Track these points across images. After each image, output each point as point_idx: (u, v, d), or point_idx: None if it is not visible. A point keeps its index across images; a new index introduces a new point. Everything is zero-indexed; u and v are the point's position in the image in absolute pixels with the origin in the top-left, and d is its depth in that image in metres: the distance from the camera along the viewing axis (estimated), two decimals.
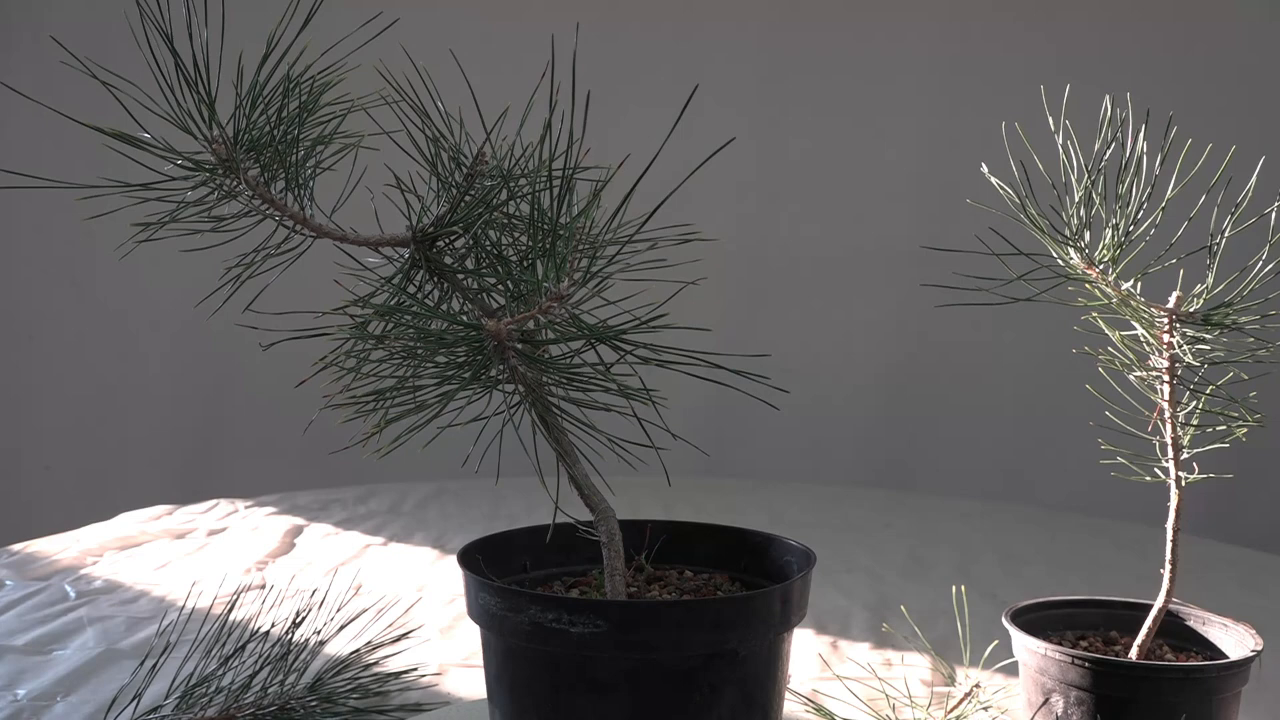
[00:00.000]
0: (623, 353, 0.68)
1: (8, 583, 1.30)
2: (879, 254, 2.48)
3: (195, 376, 2.65)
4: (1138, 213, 0.78)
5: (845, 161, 2.51)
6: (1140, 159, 0.78)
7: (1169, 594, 0.83)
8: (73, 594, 1.27)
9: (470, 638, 1.16)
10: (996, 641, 0.92)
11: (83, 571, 1.36)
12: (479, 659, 0.82)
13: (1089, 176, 0.79)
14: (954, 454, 2.51)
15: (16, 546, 1.46)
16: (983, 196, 0.81)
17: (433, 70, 0.74)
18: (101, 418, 2.69)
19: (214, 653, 0.94)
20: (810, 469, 2.48)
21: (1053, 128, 0.79)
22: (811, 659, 1.12)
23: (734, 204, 2.45)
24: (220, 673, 0.91)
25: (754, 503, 1.79)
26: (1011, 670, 0.89)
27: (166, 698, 0.89)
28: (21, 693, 1.00)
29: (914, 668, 1.09)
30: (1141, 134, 0.78)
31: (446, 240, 0.75)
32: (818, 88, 2.50)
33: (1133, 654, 0.84)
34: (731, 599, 0.75)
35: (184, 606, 1.20)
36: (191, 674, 0.91)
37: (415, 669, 1.04)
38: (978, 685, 0.89)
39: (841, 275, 2.52)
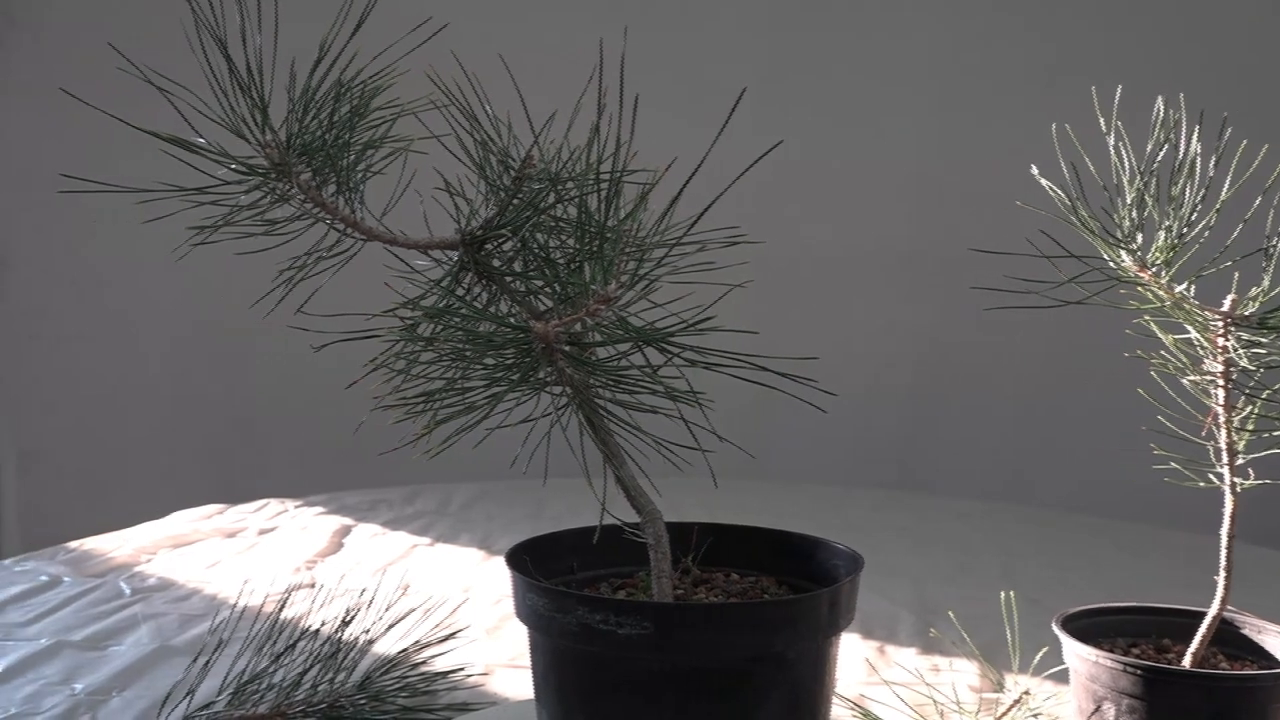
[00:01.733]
0: (670, 355, 0.68)
1: (65, 579, 1.33)
2: (927, 252, 2.46)
3: (244, 376, 2.69)
4: (1191, 214, 0.77)
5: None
6: (1194, 160, 0.77)
7: (1223, 601, 0.82)
8: (128, 591, 1.29)
9: (516, 638, 1.16)
10: (1046, 648, 0.91)
11: (137, 569, 1.39)
12: (524, 659, 0.82)
13: (1141, 178, 0.78)
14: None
15: (74, 544, 1.49)
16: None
17: (481, 75, 0.75)
18: (153, 417, 2.74)
19: (265, 650, 0.95)
20: (853, 469, 2.47)
21: (1104, 129, 0.78)
22: (858, 663, 1.11)
23: (776, 207, 2.44)
24: (271, 670, 0.93)
25: (799, 504, 1.79)
26: (1061, 677, 0.88)
27: (219, 694, 0.91)
28: (79, 687, 1.02)
29: (962, 673, 1.09)
30: (1195, 134, 0.77)
31: (495, 243, 0.75)
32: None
33: (1186, 661, 0.83)
34: (779, 602, 0.75)
35: (236, 604, 1.22)
36: (243, 671, 0.92)
37: (462, 669, 1.05)
38: (1027, 692, 0.88)
39: (884, 274, 2.51)
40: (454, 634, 1.11)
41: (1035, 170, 0.80)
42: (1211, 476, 0.80)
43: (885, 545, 1.56)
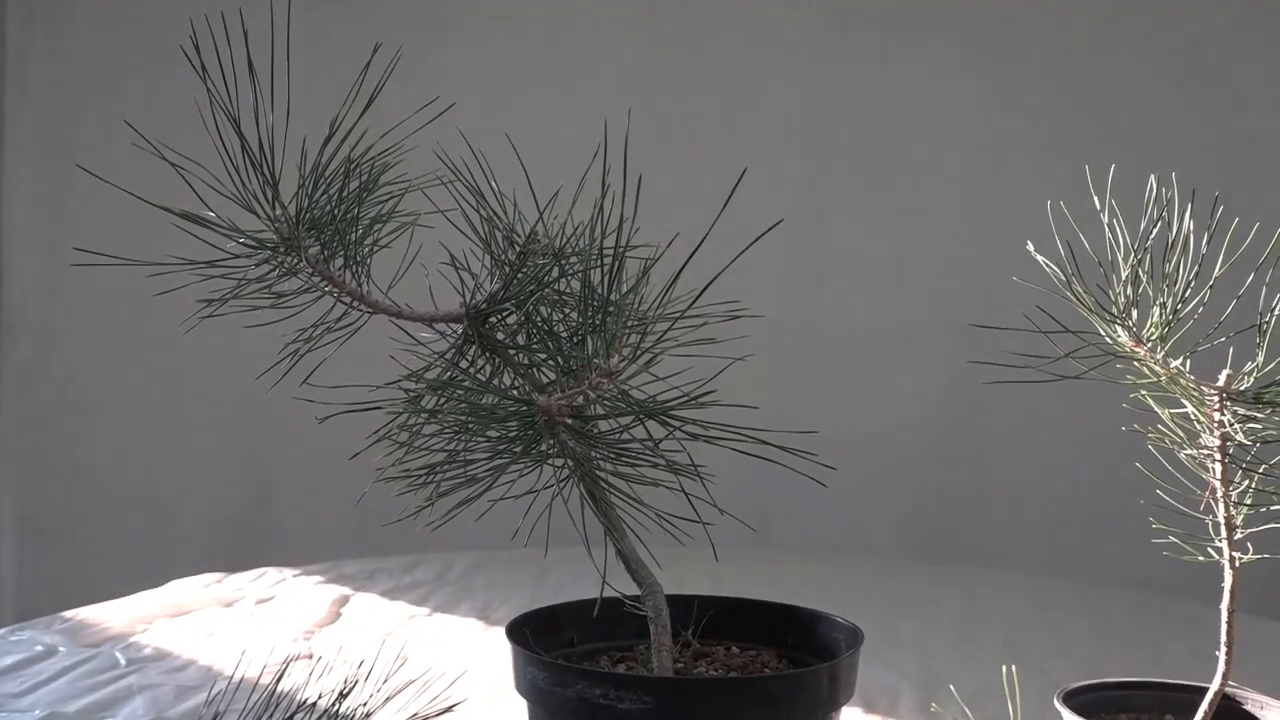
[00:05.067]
0: (671, 428, 0.69)
1: (60, 649, 1.32)
2: (927, 327, 2.48)
3: (247, 446, 2.69)
4: (1185, 291, 0.78)
5: (888, 237, 2.52)
6: (1187, 237, 0.78)
7: (1225, 676, 0.81)
8: (123, 661, 1.29)
9: (515, 712, 1.15)
10: None
11: (133, 639, 1.38)
12: None
13: (1135, 255, 0.79)
14: (1004, 528, 2.48)
15: (69, 613, 1.48)
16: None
17: (488, 152, 0.76)
18: (154, 484, 2.73)
19: None
20: (857, 541, 2.46)
21: (1098, 207, 0.80)
22: None
23: (776, 281, 2.47)
24: None
25: (802, 575, 1.78)
26: None
27: None
28: None
29: None
30: (1188, 213, 0.78)
31: (499, 317, 0.76)
32: (861, 165, 2.53)
33: None
34: (779, 676, 0.75)
35: (232, 675, 1.21)
36: None
37: None
38: None
39: (885, 348, 2.53)
40: (452, 707, 1.10)
41: (1030, 246, 0.81)
42: (1210, 550, 0.80)
43: (891, 616, 1.55)
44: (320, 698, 1.05)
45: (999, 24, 2.47)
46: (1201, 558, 0.80)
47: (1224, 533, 0.80)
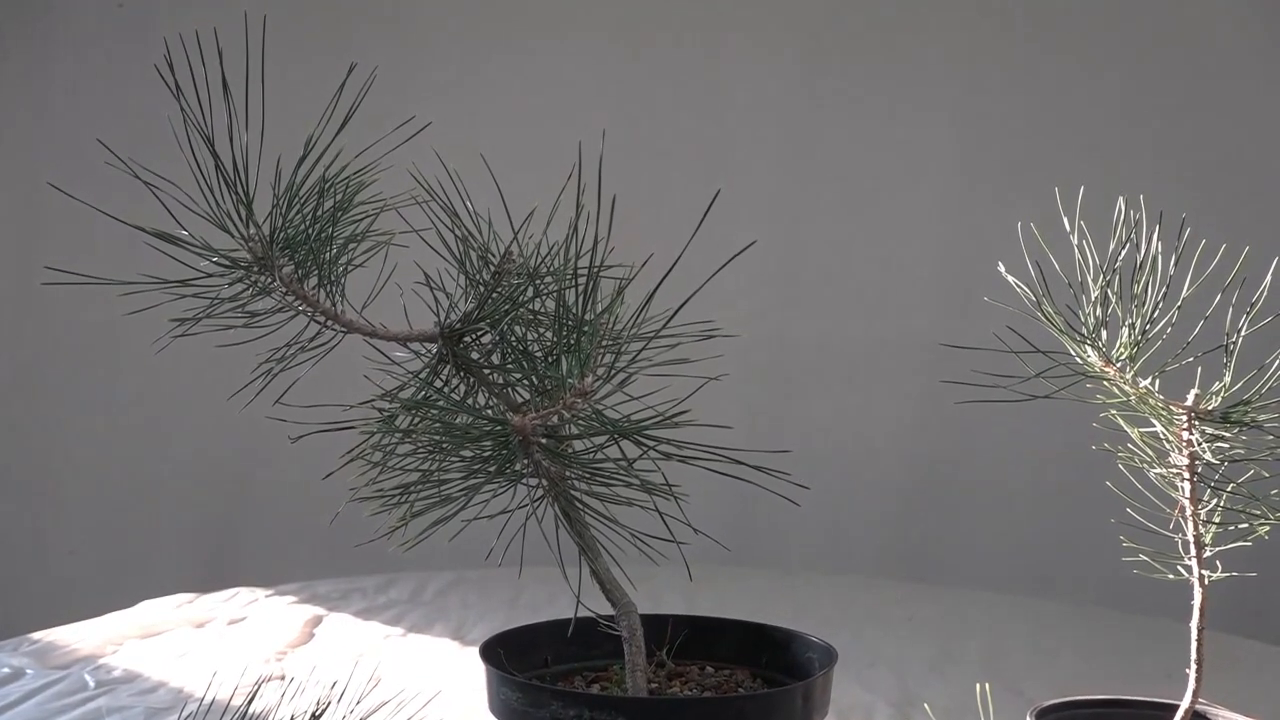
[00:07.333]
0: (645, 448, 0.69)
1: (28, 671, 1.30)
2: (902, 345, 2.49)
3: (219, 465, 2.67)
4: (1154, 311, 0.79)
5: (862, 257, 2.54)
6: (1155, 259, 0.79)
7: (1195, 694, 0.82)
8: (92, 683, 1.27)
9: None
10: None
11: (102, 660, 1.36)
12: None
13: (1104, 276, 0.80)
14: (979, 546, 2.49)
15: (38, 635, 1.46)
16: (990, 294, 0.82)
17: (462, 172, 0.76)
18: (125, 504, 2.71)
19: None
20: (833, 559, 2.46)
21: (1068, 228, 0.81)
22: None
23: (751, 300, 2.47)
24: None
25: (778, 594, 1.78)
26: None
27: None
28: None
29: None
30: (1155, 234, 0.79)
31: (473, 336, 0.76)
32: (836, 185, 2.55)
33: None
34: (752, 696, 0.75)
35: (203, 697, 1.19)
36: None
37: None
38: None
39: (859, 367, 2.54)
40: None
41: (1002, 267, 0.82)
42: (1180, 569, 0.81)
43: (867, 634, 1.55)
44: (293, 719, 1.04)
45: (973, 45, 2.50)
46: (1171, 576, 0.81)
47: (1193, 551, 0.80)
